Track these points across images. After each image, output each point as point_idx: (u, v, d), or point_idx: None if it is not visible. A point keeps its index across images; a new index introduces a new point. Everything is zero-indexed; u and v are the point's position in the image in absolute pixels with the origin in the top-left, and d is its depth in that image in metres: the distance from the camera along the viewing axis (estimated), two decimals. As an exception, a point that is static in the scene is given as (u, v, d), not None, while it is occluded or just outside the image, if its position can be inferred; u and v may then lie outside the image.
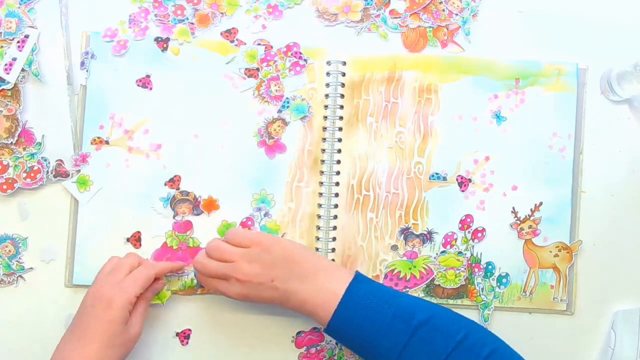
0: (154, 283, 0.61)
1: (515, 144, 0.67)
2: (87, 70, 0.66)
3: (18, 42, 0.64)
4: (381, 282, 0.66)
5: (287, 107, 0.66)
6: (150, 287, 0.61)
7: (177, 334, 0.65)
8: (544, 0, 0.69)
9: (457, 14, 0.68)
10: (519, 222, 0.67)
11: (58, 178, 0.65)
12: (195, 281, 0.65)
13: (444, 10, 0.68)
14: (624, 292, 0.67)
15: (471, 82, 0.67)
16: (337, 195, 0.66)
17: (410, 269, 0.66)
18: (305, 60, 0.67)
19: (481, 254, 0.67)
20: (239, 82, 0.67)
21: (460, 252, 0.67)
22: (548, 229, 0.67)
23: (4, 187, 0.64)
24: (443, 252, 0.67)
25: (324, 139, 0.66)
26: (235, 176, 0.66)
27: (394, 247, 0.66)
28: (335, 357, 0.66)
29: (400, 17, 0.68)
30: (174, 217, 0.65)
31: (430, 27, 0.68)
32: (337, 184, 0.66)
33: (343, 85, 0.67)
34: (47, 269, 0.65)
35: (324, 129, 0.66)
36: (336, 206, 0.66)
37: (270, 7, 0.68)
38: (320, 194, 0.66)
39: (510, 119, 0.67)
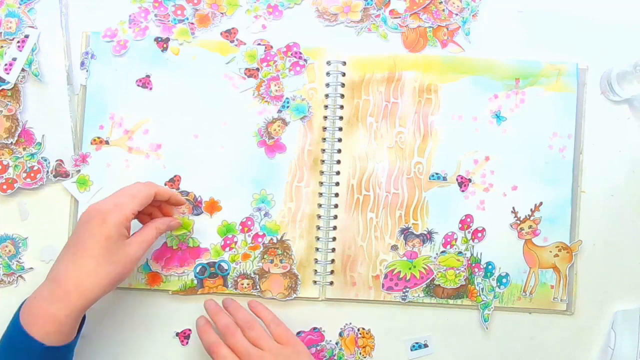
0: (170, 220, 0.61)
1: (515, 144, 0.67)
2: (87, 70, 0.66)
3: (18, 42, 0.64)
4: (381, 282, 0.66)
5: (287, 107, 0.66)
6: (162, 218, 0.60)
7: (177, 334, 0.65)
8: (544, 0, 0.69)
9: (457, 14, 0.68)
10: (519, 222, 0.67)
11: (58, 178, 0.65)
12: (195, 281, 0.65)
13: (444, 10, 0.68)
14: (624, 292, 0.67)
15: (471, 82, 0.67)
16: (337, 195, 0.66)
17: (410, 269, 0.66)
18: (305, 60, 0.67)
19: (481, 254, 0.67)
20: (239, 82, 0.67)
21: (460, 252, 0.67)
22: (548, 229, 0.67)
23: (4, 187, 0.64)
24: (443, 252, 0.67)
25: (324, 139, 0.66)
26: (235, 176, 0.66)
27: (394, 247, 0.66)
28: (335, 357, 0.66)
29: (400, 17, 0.68)
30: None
31: (430, 27, 0.68)
32: (337, 184, 0.66)
33: (343, 85, 0.67)
34: (47, 269, 0.64)
35: (324, 129, 0.66)
36: (336, 206, 0.66)
37: (270, 7, 0.68)
38: (320, 194, 0.66)
39: (510, 119, 0.67)
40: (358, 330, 0.66)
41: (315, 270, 0.66)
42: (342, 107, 0.67)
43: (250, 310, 0.62)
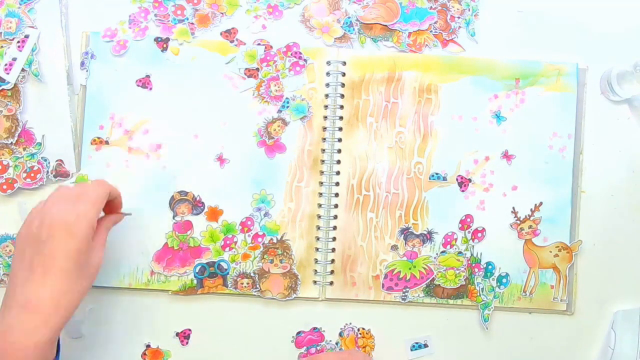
0: (114, 215, 0.58)
1: (515, 144, 0.67)
2: (87, 70, 0.66)
3: (18, 42, 0.64)
4: (381, 282, 0.66)
5: (287, 107, 0.66)
6: (108, 216, 0.58)
7: (177, 334, 0.65)
8: (544, 0, 0.69)
9: (458, 17, 0.68)
10: (519, 222, 0.67)
11: (58, 178, 0.65)
12: (194, 281, 0.65)
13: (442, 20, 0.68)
14: (624, 292, 0.67)
15: (471, 82, 0.67)
16: (337, 195, 0.66)
17: (410, 269, 0.66)
18: (305, 60, 0.67)
19: (481, 254, 0.67)
20: (239, 82, 0.67)
21: (460, 252, 0.67)
22: (548, 229, 0.67)
23: (4, 187, 0.64)
24: (443, 252, 0.67)
25: (324, 139, 0.66)
26: (235, 176, 0.66)
27: (394, 247, 0.66)
28: (335, 357, 0.66)
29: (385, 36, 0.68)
30: (173, 218, 0.65)
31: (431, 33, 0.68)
32: (337, 184, 0.66)
33: (343, 85, 0.67)
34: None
35: (324, 129, 0.66)
36: (336, 206, 0.66)
37: (270, 7, 0.68)
38: (320, 194, 0.66)
39: (510, 119, 0.67)
40: (358, 330, 0.66)
41: (315, 270, 0.66)
42: (342, 107, 0.67)
43: None
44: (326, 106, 0.67)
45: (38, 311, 0.48)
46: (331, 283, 0.66)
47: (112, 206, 0.59)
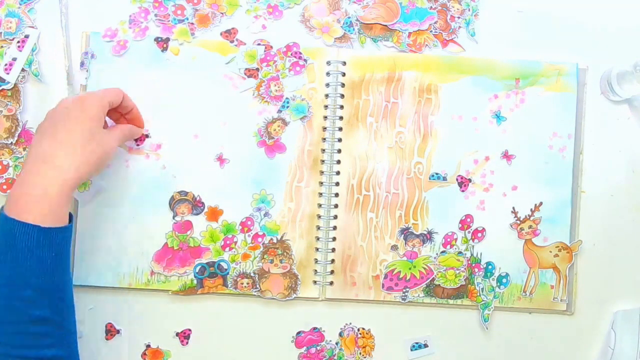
0: (132, 127, 0.63)
1: (515, 144, 0.67)
2: (87, 70, 0.66)
3: (18, 42, 0.64)
4: (381, 282, 0.66)
5: (287, 107, 0.66)
6: (127, 125, 0.62)
7: (177, 334, 0.65)
8: (544, 0, 0.69)
9: (458, 17, 0.68)
10: (519, 222, 0.67)
11: (58, 178, 0.65)
12: (194, 281, 0.65)
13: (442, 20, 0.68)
14: (624, 292, 0.67)
15: (471, 82, 0.67)
16: (337, 195, 0.66)
17: (410, 269, 0.66)
18: (305, 60, 0.67)
19: (481, 254, 0.67)
20: (239, 82, 0.67)
21: (460, 252, 0.67)
22: (548, 229, 0.67)
23: (4, 187, 0.64)
24: (443, 252, 0.67)
25: (324, 139, 0.66)
26: (235, 176, 0.66)
27: (394, 247, 0.66)
28: (335, 357, 0.66)
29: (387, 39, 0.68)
30: (173, 218, 0.65)
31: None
32: (337, 184, 0.66)
33: (343, 85, 0.67)
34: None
35: (324, 129, 0.66)
36: (336, 206, 0.66)
37: (270, 7, 0.68)
38: (320, 194, 0.66)
39: (510, 119, 0.67)
40: (358, 330, 0.66)
41: (315, 270, 0.66)
42: (342, 107, 0.67)
43: None
44: (326, 106, 0.67)
45: (48, 163, 0.53)
46: (331, 283, 0.66)
47: (130, 119, 0.63)
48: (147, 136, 0.65)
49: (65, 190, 0.53)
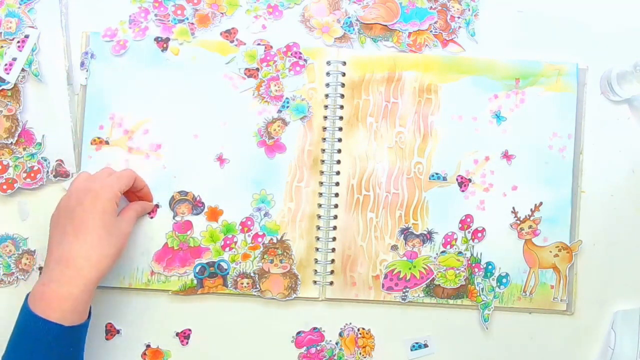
0: (144, 203, 0.64)
1: (515, 144, 0.67)
2: (87, 70, 0.66)
3: (18, 42, 0.64)
4: (381, 282, 0.66)
5: (287, 107, 0.66)
6: (139, 202, 0.63)
7: (177, 334, 0.65)
8: (544, 0, 0.69)
9: (458, 17, 0.68)
10: (519, 222, 0.67)
11: (58, 178, 0.65)
12: (194, 281, 0.65)
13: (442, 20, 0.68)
14: (624, 292, 0.67)
15: (471, 82, 0.67)
16: (337, 195, 0.66)
17: (410, 269, 0.66)
18: (305, 60, 0.67)
19: (481, 254, 0.67)
20: (239, 82, 0.67)
21: (460, 252, 0.67)
22: (548, 229, 0.67)
23: (4, 187, 0.64)
24: (443, 252, 0.67)
25: (324, 139, 0.66)
26: (235, 176, 0.66)
27: (394, 247, 0.66)
28: (335, 357, 0.66)
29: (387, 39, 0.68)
30: (173, 218, 0.65)
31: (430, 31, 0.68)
32: (337, 184, 0.66)
33: (343, 85, 0.67)
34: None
35: (324, 129, 0.66)
36: (336, 206, 0.66)
37: (270, 7, 0.68)
38: (320, 194, 0.66)
39: (510, 119, 0.67)
40: (358, 330, 0.66)
41: (315, 270, 0.66)
42: (342, 107, 0.67)
43: None
44: (326, 106, 0.67)
45: (70, 264, 0.54)
46: (331, 283, 0.66)
47: (141, 196, 0.64)
48: (158, 206, 0.65)
49: (88, 289, 0.54)
